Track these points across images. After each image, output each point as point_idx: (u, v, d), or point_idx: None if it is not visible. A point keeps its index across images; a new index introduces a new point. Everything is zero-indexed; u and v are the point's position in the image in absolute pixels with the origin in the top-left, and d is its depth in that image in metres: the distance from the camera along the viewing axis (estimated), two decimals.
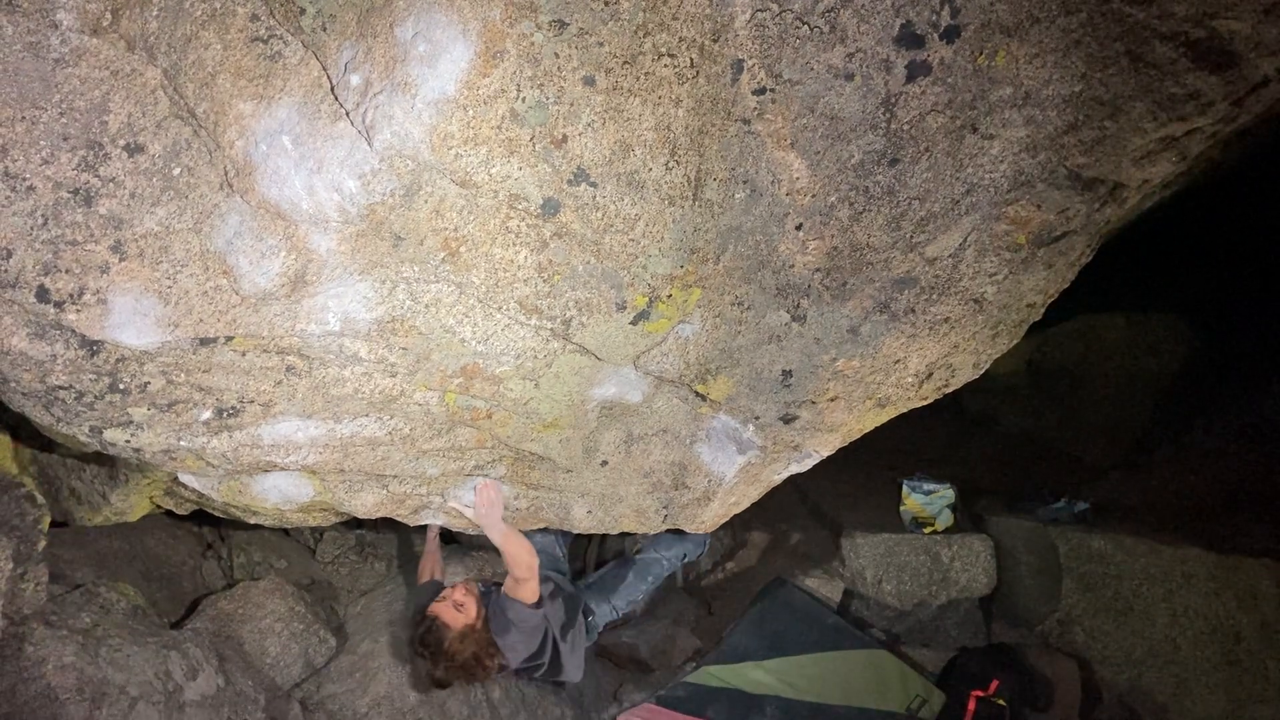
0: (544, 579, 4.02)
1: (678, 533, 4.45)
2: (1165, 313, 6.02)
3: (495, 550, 3.72)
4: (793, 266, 2.92)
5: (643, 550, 4.60)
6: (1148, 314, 6.04)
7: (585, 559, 5.35)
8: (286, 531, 5.10)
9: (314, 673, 4.23)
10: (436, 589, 3.97)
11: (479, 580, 4.11)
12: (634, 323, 2.93)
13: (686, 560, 4.66)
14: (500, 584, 3.91)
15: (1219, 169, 3.88)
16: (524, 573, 3.74)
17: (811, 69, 2.56)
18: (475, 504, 3.53)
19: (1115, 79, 2.63)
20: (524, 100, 2.43)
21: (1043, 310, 3.29)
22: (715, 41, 2.50)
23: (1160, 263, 5.77)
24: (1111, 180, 2.87)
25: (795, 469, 3.65)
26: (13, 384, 2.69)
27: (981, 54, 2.58)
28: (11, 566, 2.99)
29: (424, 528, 4.38)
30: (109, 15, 2.44)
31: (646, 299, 2.87)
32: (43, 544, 3.39)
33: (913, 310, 3.05)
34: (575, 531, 3.80)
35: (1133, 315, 6.08)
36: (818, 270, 2.93)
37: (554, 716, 4.48)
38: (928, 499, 5.17)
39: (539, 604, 3.84)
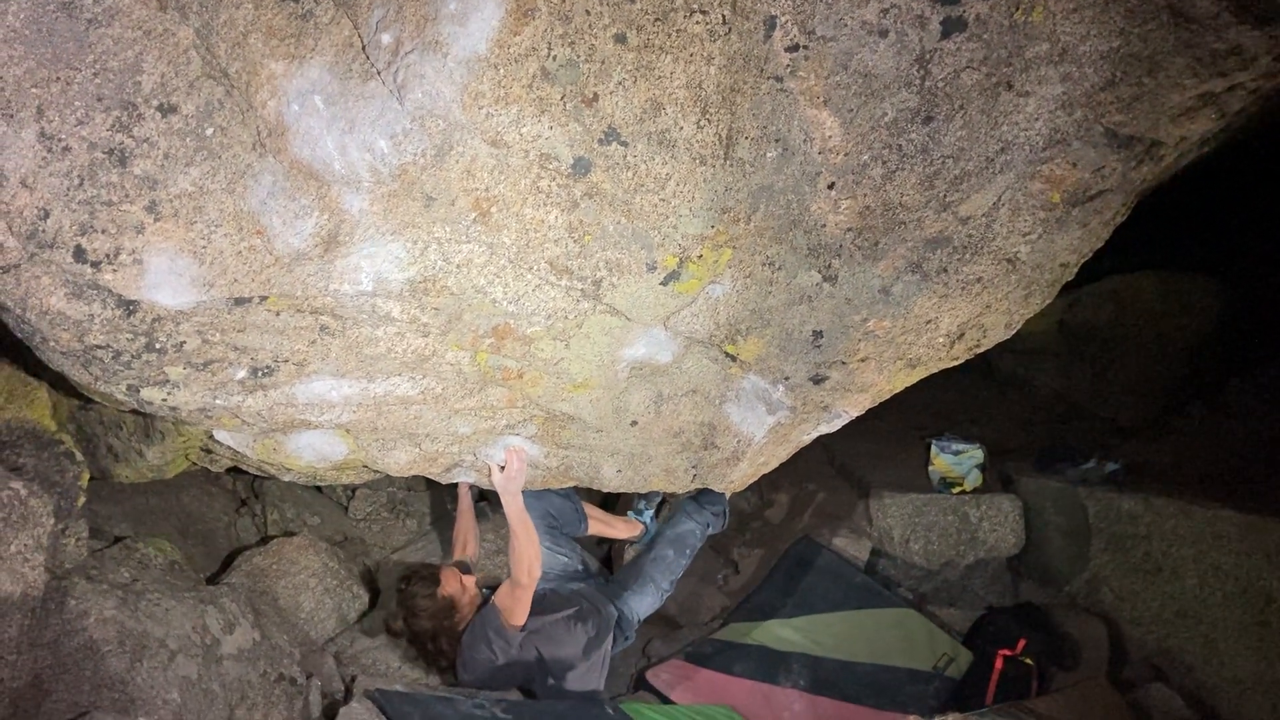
0: (571, 595, 4.04)
1: (696, 502, 4.49)
2: (1199, 272, 5.94)
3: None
4: (824, 226, 2.90)
5: (671, 523, 4.57)
6: (1181, 273, 5.96)
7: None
8: (319, 489, 5.16)
9: (347, 627, 4.30)
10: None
11: (487, 586, 4.08)
12: (664, 283, 2.93)
13: (711, 531, 4.61)
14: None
15: (1258, 125, 3.81)
16: (525, 577, 3.72)
17: (845, 25, 2.53)
18: (503, 470, 3.59)
19: (1155, 34, 2.58)
20: (555, 58, 2.42)
21: (1076, 270, 3.26)
22: None
23: (1195, 221, 5.68)
24: (1149, 138, 2.83)
25: (824, 429, 3.66)
26: (51, 343, 2.73)
27: (1018, 9, 2.54)
28: (53, 522, 3.03)
29: (455, 486, 4.41)
30: None
31: (677, 259, 2.87)
32: (82, 500, 3.45)
33: (945, 270, 3.03)
34: (605, 490, 3.82)
35: (1166, 275, 6.00)
36: (850, 230, 2.91)
37: None
38: (956, 459, 5.16)
39: (523, 628, 3.79)
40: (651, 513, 4.83)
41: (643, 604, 4.31)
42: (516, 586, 3.72)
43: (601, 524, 4.65)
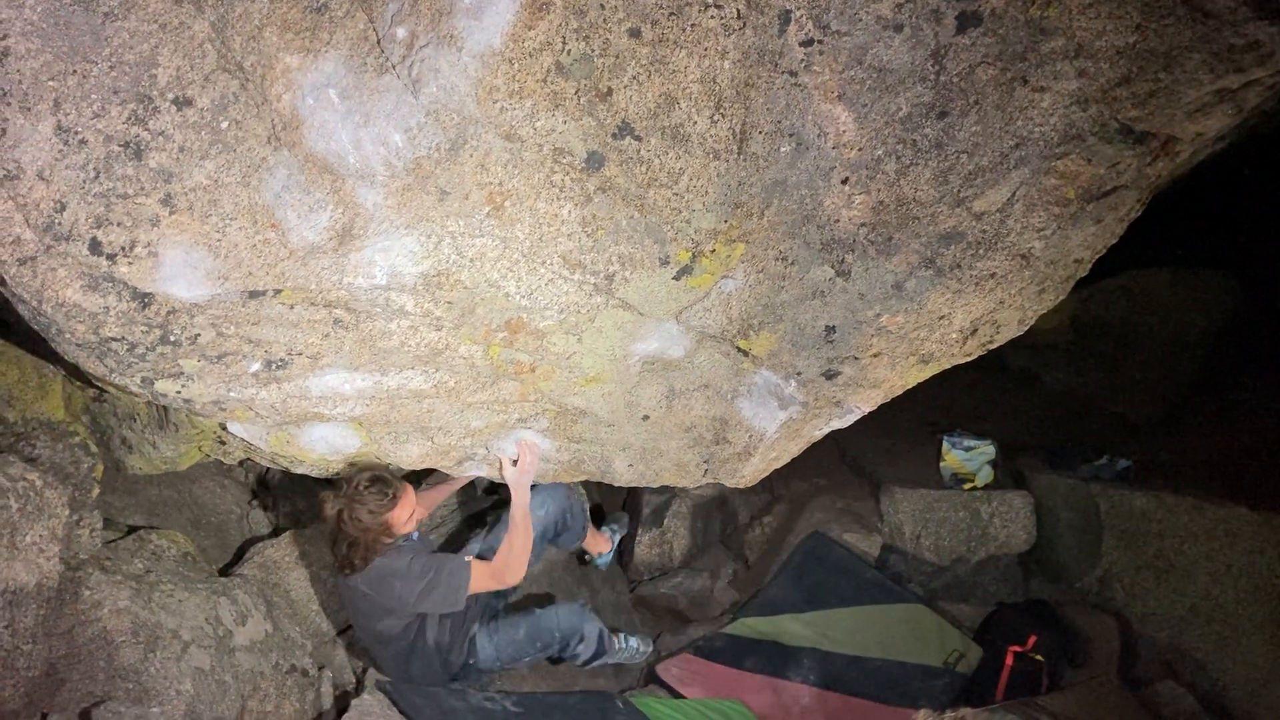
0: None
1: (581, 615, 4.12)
2: (1213, 268, 5.91)
3: None
4: (838, 221, 2.90)
5: (558, 606, 4.13)
6: (1195, 270, 5.93)
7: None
8: (331, 481, 5.17)
9: None
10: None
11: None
12: (677, 278, 2.93)
13: (564, 647, 4.05)
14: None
15: (1274, 120, 3.79)
16: (509, 576, 3.67)
17: (860, 20, 2.53)
18: (515, 464, 3.58)
19: (1171, 29, 2.57)
20: (569, 53, 2.42)
21: (1090, 266, 3.25)
22: None
23: (1209, 217, 5.65)
24: (1164, 134, 2.81)
25: (836, 425, 3.65)
26: (67, 335, 2.74)
27: (1034, 4, 2.53)
28: (68, 513, 3.05)
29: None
30: None
31: (690, 254, 2.87)
32: (96, 491, 3.47)
33: (959, 265, 3.03)
34: (617, 484, 3.82)
35: (1180, 271, 5.97)
36: (863, 225, 2.91)
37: None
38: (968, 455, 5.15)
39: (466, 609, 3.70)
40: (618, 528, 5.04)
41: (483, 648, 3.91)
42: (495, 580, 3.67)
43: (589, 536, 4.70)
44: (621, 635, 4.37)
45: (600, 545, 4.83)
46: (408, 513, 3.57)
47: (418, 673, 3.76)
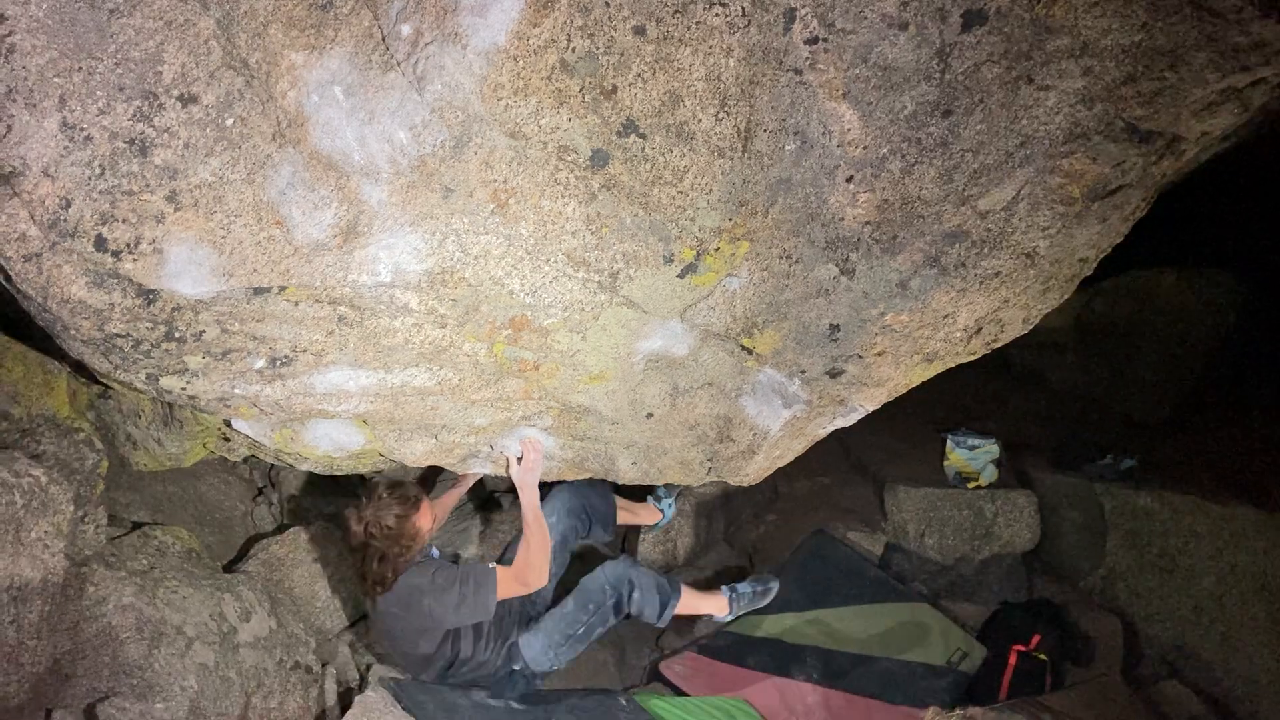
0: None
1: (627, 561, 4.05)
2: (1218, 268, 5.90)
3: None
4: (842, 219, 2.90)
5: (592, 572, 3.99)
6: (1200, 269, 5.92)
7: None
8: (335, 478, 5.18)
9: (362, 617, 4.32)
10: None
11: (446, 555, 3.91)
12: (681, 276, 2.93)
13: (636, 604, 3.88)
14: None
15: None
16: (533, 577, 3.62)
17: (865, 18, 2.52)
18: (521, 464, 3.57)
19: (1177, 28, 2.56)
20: (574, 50, 2.42)
21: (1094, 265, 3.25)
22: None
23: (1215, 216, 5.65)
24: (1170, 133, 2.81)
25: (840, 423, 3.65)
26: (72, 331, 2.75)
27: (1039, 2, 2.52)
28: (73, 509, 3.06)
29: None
30: None
31: (694, 252, 2.87)
32: (101, 487, 3.49)
33: (963, 264, 3.02)
34: (620, 482, 3.82)
35: (1185, 270, 5.96)
36: (868, 223, 2.91)
37: (595, 661, 4.54)
38: (972, 454, 5.16)
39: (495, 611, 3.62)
40: (671, 500, 4.76)
41: (530, 648, 3.83)
42: (520, 584, 3.64)
43: (627, 513, 4.58)
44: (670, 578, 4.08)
45: (650, 517, 4.71)
46: (429, 519, 3.60)
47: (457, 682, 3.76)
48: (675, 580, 4.06)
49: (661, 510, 4.74)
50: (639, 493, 4.58)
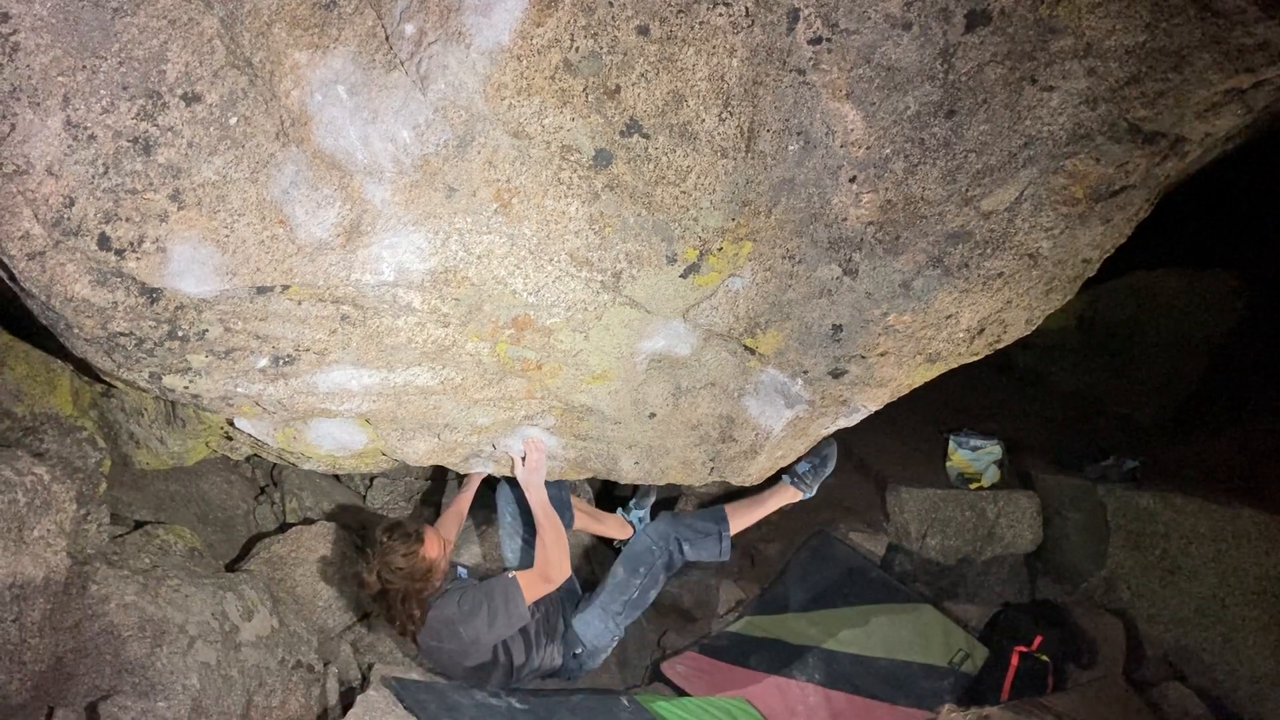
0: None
1: (674, 518, 4.15)
2: (1221, 269, 5.90)
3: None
4: (845, 220, 2.90)
5: (634, 538, 4.16)
6: (1203, 270, 5.92)
7: None
8: (338, 477, 5.18)
9: (364, 617, 4.31)
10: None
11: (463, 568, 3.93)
12: (684, 276, 2.93)
13: (688, 554, 4.09)
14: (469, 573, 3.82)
15: None
16: (555, 573, 3.65)
17: (868, 18, 2.52)
18: (524, 463, 3.59)
19: (1181, 29, 2.56)
20: (578, 50, 2.42)
21: (1097, 266, 3.25)
22: None
23: (1218, 217, 5.64)
24: (1173, 134, 2.81)
25: (843, 423, 3.66)
26: (75, 330, 2.75)
27: (1043, 3, 2.52)
28: (75, 507, 3.06)
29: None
30: None
31: (697, 252, 2.87)
32: (104, 486, 3.48)
33: (966, 265, 3.02)
34: (623, 481, 3.82)
35: (1187, 271, 5.96)
36: (871, 224, 2.91)
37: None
38: (974, 455, 5.15)
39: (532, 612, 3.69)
40: (643, 514, 4.70)
41: (589, 627, 3.96)
42: (545, 582, 3.70)
43: (589, 519, 4.50)
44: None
45: (621, 531, 4.64)
46: (437, 547, 3.61)
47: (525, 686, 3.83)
48: (717, 510, 4.19)
49: (632, 524, 4.67)
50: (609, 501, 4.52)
